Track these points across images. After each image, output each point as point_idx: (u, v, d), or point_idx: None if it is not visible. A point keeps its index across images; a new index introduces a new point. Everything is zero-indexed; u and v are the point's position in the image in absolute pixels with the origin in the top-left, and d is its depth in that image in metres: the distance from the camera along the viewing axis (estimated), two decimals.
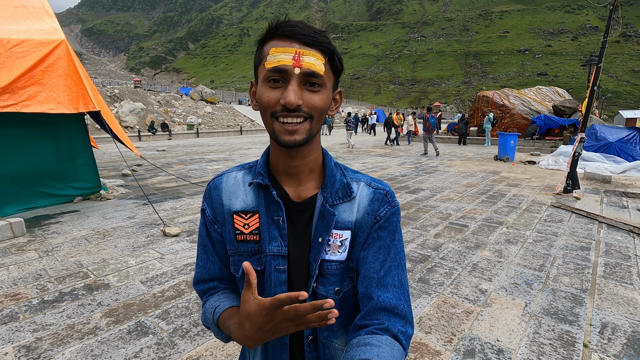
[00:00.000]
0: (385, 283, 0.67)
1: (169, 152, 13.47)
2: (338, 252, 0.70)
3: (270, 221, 0.71)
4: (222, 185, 0.77)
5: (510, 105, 17.61)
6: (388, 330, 0.63)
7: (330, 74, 0.66)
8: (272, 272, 0.71)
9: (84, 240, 4.03)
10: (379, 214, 0.70)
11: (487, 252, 3.63)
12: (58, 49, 5.05)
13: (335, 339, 0.73)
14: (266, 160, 0.75)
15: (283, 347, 0.73)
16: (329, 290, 0.70)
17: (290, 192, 0.72)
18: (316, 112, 0.64)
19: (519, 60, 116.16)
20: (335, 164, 0.75)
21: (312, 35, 0.62)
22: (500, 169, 8.95)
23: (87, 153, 5.99)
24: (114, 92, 26.67)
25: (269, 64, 0.61)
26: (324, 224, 0.69)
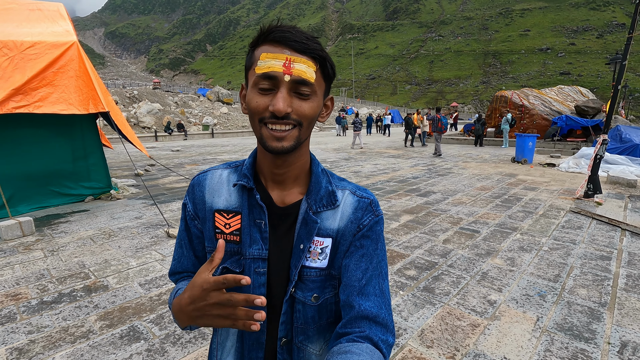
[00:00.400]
0: (366, 292, 0.67)
1: (183, 153, 13.64)
2: (318, 259, 0.70)
3: (253, 224, 0.71)
4: (206, 182, 0.76)
5: (530, 106, 17.06)
6: (369, 338, 0.63)
7: (322, 81, 0.66)
8: (251, 274, 0.71)
9: (90, 241, 4.05)
10: (362, 223, 0.70)
11: (498, 260, 3.45)
12: (70, 50, 5.13)
13: (310, 344, 0.73)
14: (253, 162, 0.74)
15: (259, 345, 0.73)
16: (307, 296, 0.70)
17: (275, 196, 0.72)
18: (305, 120, 0.63)
19: (541, 60, 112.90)
20: (322, 170, 0.75)
21: (304, 42, 0.61)
22: (517, 172, 8.63)
23: (98, 153, 6.08)
24: (133, 93, 27.31)
25: (259, 69, 0.61)
26: (307, 231, 0.69)
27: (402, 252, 3.65)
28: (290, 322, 0.72)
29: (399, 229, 4.42)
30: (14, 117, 4.92)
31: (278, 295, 0.72)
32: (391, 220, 4.78)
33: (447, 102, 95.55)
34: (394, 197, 6.05)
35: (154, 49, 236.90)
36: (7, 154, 5.12)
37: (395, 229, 4.42)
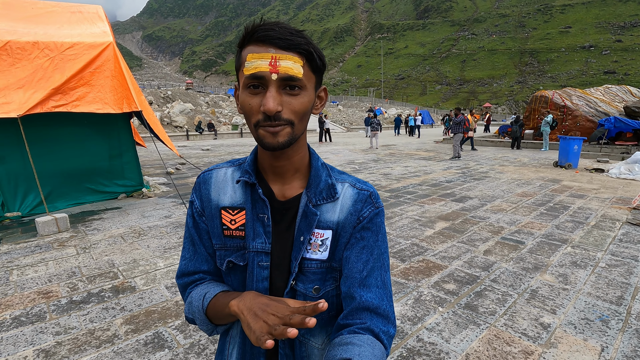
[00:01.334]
0: (367, 283, 0.68)
1: (213, 152, 13.85)
2: (319, 251, 0.70)
3: (256, 218, 0.72)
4: (212, 180, 0.77)
5: (573, 106, 16.02)
6: (370, 329, 0.64)
7: (311, 74, 0.65)
8: (254, 268, 0.71)
9: (120, 239, 4.08)
10: (362, 215, 0.71)
11: (548, 276, 3.12)
12: (106, 51, 5.24)
13: (312, 337, 0.73)
14: (254, 159, 0.76)
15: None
16: (308, 288, 0.70)
17: (276, 191, 0.73)
18: (297, 117, 0.63)
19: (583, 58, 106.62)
20: (322, 165, 0.75)
21: (288, 38, 0.60)
22: (561, 177, 8.03)
23: (132, 152, 6.19)
24: (167, 94, 28.23)
25: (247, 70, 0.61)
26: (307, 223, 0.70)
27: (439, 263, 3.40)
28: None
29: (434, 237, 4.15)
30: (54, 116, 5.08)
31: (280, 288, 0.72)
32: (425, 227, 4.51)
33: (480, 102, 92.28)
34: (427, 202, 5.75)
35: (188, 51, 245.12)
36: (48, 151, 5.30)
37: (430, 236, 4.15)
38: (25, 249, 3.78)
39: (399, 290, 2.88)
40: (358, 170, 9.27)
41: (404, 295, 2.79)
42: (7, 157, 4.96)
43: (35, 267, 3.31)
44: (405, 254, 3.64)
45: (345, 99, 64.07)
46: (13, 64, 4.71)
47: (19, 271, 3.24)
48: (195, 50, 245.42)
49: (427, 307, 2.61)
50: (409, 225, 4.56)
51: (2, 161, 4.94)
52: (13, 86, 4.67)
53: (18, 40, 4.78)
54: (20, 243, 3.98)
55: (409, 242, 3.98)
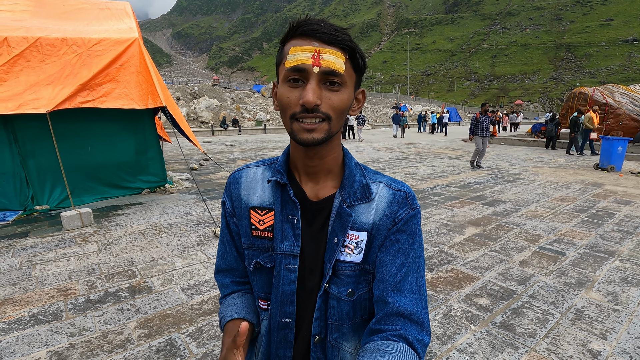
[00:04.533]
0: (402, 288, 0.65)
1: (236, 148, 13.93)
2: (353, 254, 0.69)
3: (285, 220, 0.71)
4: (242, 179, 0.77)
5: (616, 104, 14.98)
6: (404, 337, 0.61)
7: (352, 73, 0.64)
8: (281, 270, 0.71)
9: (141, 236, 4.07)
10: (397, 217, 0.68)
11: (595, 294, 2.81)
12: (132, 47, 5.25)
13: (345, 342, 0.71)
14: (286, 159, 0.74)
15: (287, 344, 0.73)
16: (342, 291, 0.69)
17: (308, 191, 0.72)
18: (335, 113, 0.62)
19: (625, 52, 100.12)
20: (355, 164, 0.74)
21: (332, 33, 0.60)
22: (603, 181, 7.46)
23: (156, 147, 6.23)
24: (194, 90, 28.77)
25: (289, 63, 0.61)
26: (341, 225, 0.68)
27: (469, 274, 3.15)
28: (325, 319, 0.71)
29: (464, 243, 3.88)
30: (82, 111, 5.15)
31: (310, 291, 0.71)
32: (454, 232, 4.24)
33: (511, 99, 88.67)
34: (455, 205, 5.45)
35: (215, 48, 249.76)
36: (75, 146, 5.40)
37: (460, 243, 3.89)
38: (50, 243, 3.83)
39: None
40: (382, 169, 9.00)
41: (432, 309, 2.58)
42: (36, 152, 5.08)
43: (57, 263, 3.33)
44: (432, 262, 3.41)
45: (370, 95, 63.27)
46: (43, 60, 4.80)
47: (41, 266, 3.27)
48: (222, 46, 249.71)
49: (457, 325, 2.39)
50: (436, 230, 4.30)
51: (32, 155, 5.06)
52: (43, 82, 4.76)
53: (48, 36, 4.87)
54: (46, 237, 4.04)
55: (437, 248, 3.74)
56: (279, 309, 0.72)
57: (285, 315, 0.71)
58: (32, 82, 4.69)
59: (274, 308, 0.72)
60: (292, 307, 0.71)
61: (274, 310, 0.72)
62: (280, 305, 0.71)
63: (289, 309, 0.71)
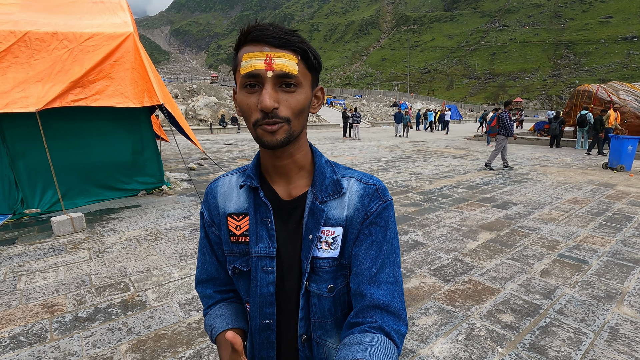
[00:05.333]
0: (378, 280, 0.66)
1: (235, 146, 13.68)
2: (330, 249, 0.69)
3: (259, 222, 0.71)
4: (218, 188, 0.79)
5: (621, 102, 14.76)
6: (381, 328, 0.63)
7: (306, 72, 0.65)
8: (258, 273, 0.71)
9: (136, 242, 3.83)
10: (369, 210, 0.69)
11: (627, 309, 2.59)
12: (126, 42, 5.00)
13: (329, 338, 0.73)
14: (257, 163, 0.76)
15: (270, 345, 0.74)
16: (322, 287, 0.70)
17: (281, 191, 0.73)
18: (293, 114, 0.63)
19: (624, 50, 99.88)
20: (325, 162, 0.75)
21: (282, 37, 0.61)
22: (614, 181, 7.25)
23: (153, 147, 5.99)
24: (193, 87, 28.46)
25: (243, 69, 0.61)
26: (314, 221, 0.69)
27: (489, 286, 2.92)
28: (308, 317, 0.71)
29: (479, 250, 3.66)
30: (75, 110, 4.91)
31: (290, 291, 0.71)
32: (467, 237, 4.02)
33: (510, 97, 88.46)
34: (465, 208, 5.23)
35: (213, 45, 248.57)
36: (68, 146, 5.16)
37: (475, 250, 3.67)
38: (38, 251, 3.59)
39: (446, 320, 2.45)
40: (385, 168, 8.77)
41: (453, 328, 2.35)
42: (26, 153, 4.83)
43: (44, 274, 3.10)
44: (447, 271, 3.19)
45: (369, 92, 62.93)
46: (32, 55, 4.55)
47: (27, 277, 3.03)
48: (221, 44, 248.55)
49: (483, 347, 2.17)
50: (448, 236, 4.08)
51: (22, 156, 4.82)
52: (32, 79, 4.51)
53: (37, 31, 4.61)
54: (35, 244, 3.80)
55: (451, 256, 3.51)
56: (258, 311, 0.72)
57: (266, 317, 0.72)
58: (21, 79, 4.44)
59: (253, 311, 0.73)
60: (272, 309, 0.71)
61: (254, 312, 0.73)
62: (260, 307, 0.72)
63: (269, 310, 0.72)
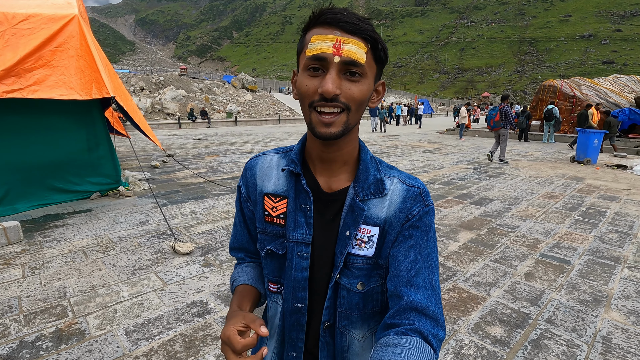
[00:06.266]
0: (415, 283, 0.65)
1: (204, 142, 13.04)
2: (365, 248, 0.69)
3: (298, 208, 0.72)
4: (257, 166, 0.79)
5: (583, 97, 15.34)
6: (419, 331, 0.61)
7: (373, 64, 0.63)
8: (294, 257, 0.72)
9: (81, 255, 3.36)
10: (411, 212, 0.68)
11: (615, 314, 2.47)
12: (70, 25, 4.42)
13: (354, 329, 0.73)
14: (301, 148, 0.75)
15: (300, 327, 0.75)
16: (353, 283, 0.70)
17: (322, 182, 0.72)
18: (354, 103, 0.62)
19: (582, 47, 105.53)
20: (371, 158, 0.74)
21: (355, 23, 0.59)
22: (582, 175, 7.39)
23: (106, 144, 5.41)
24: (159, 79, 27.10)
25: (310, 51, 0.61)
26: (353, 218, 0.68)
27: (474, 293, 2.73)
28: (334, 307, 0.72)
29: (460, 252, 3.48)
30: (12, 102, 4.29)
31: (321, 279, 0.72)
32: (447, 238, 3.84)
33: (478, 91, 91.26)
34: (443, 205, 5.08)
35: (182, 36, 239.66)
36: (6, 143, 4.52)
37: (456, 252, 3.48)
38: None
39: None
40: None
41: (441, 347, 2.12)
42: None
43: None
44: None
45: None
46: None
47: None
48: (190, 35, 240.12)
49: None
50: None
51: None
52: None
53: None
54: None
55: None
56: (291, 294, 0.73)
57: (298, 301, 0.73)
58: None
59: (287, 293, 0.74)
60: (305, 293, 0.72)
61: (287, 295, 0.74)
62: (293, 290, 0.73)
63: (302, 294, 0.73)
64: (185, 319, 2.37)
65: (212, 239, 3.76)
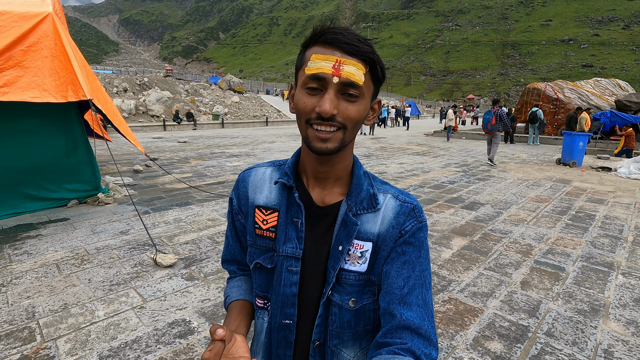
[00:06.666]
0: (408, 301, 0.64)
1: (190, 144, 12.75)
2: (357, 263, 0.68)
3: (290, 222, 0.71)
4: (250, 178, 0.78)
5: (566, 99, 15.65)
6: (411, 351, 0.59)
7: (370, 84, 0.65)
8: (283, 272, 0.70)
9: (55, 269, 3.13)
10: (404, 228, 0.67)
11: (614, 324, 2.41)
12: (43, 24, 4.17)
13: (345, 349, 0.71)
14: (295, 161, 0.75)
15: (288, 344, 0.73)
16: (345, 299, 0.68)
17: (315, 196, 0.72)
18: (350, 123, 0.63)
19: (562, 51, 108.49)
20: (364, 173, 0.74)
21: (355, 44, 0.60)
22: (569, 177, 7.45)
23: (84, 149, 5.15)
24: (144, 81, 26.52)
25: (309, 70, 0.61)
26: (346, 233, 0.68)
27: (470, 305, 2.63)
28: (325, 325, 0.70)
29: (454, 260, 3.39)
30: None
31: (311, 295, 0.71)
32: (440, 245, 3.75)
33: (463, 94, 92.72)
34: (434, 210, 5.00)
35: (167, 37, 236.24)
36: None
37: (450, 260, 3.39)
38: None
39: None
40: None
41: None
42: None
43: None
44: None
45: None
46: None
47: None
48: (176, 35, 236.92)
49: None
50: None
51: None
52: None
53: None
54: None
55: None
56: (279, 309, 0.71)
57: (286, 317, 0.71)
58: None
59: (274, 309, 0.73)
60: (293, 309, 0.71)
61: (275, 310, 0.72)
62: (281, 306, 0.71)
63: (290, 310, 0.71)
64: (165, 340, 2.20)
65: (197, 249, 3.58)
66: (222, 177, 7.06)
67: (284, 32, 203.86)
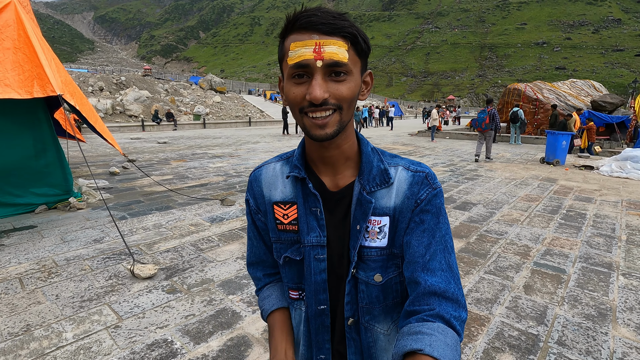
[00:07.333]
0: (431, 267, 0.63)
1: (170, 145, 12.29)
2: (377, 239, 0.69)
3: (309, 212, 0.71)
4: (262, 176, 0.78)
5: (545, 100, 16.01)
6: (440, 315, 0.59)
7: (356, 58, 0.62)
8: (311, 261, 0.72)
9: (17, 284, 2.80)
10: (419, 197, 0.67)
11: (625, 330, 2.30)
12: (4, 13, 3.81)
13: (377, 324, 0.73)
14: (302, 152, 0.74)
15: (325, 329, 0.74)
16: (370, 276, 0.70)
17: (327, 182, 0.72)
18: (345, 102, 0.61)
19: (537, 54, 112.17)
20: (372, 149, 0.73)
21: (331, 22, 0.58)
22: (554, 176, 7.52)
23: (54, 150, 4.77)
24: (121, 79, 25.61)
25: (291, 59, 0.60)
26: (362, 212, 0.68)
27: (476, 312, 2.48)
28: (355, 302, 0.72)
29: None
30: None
31: (342, 277, 0.72)
32: None
33: (443, 94, 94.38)
34: None
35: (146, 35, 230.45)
36: None
37: None
38: None
39: None
40: None
41: None
42: None
43: None
44: None
45: None
46: None
47: None
48: (154, 34, 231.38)
49: None
50: None
51: None
52: None
53: None
54: None
55: None
56: (313, 297, 0.73)
57: (320, 303, 0.73)
58: None
59: (309, 297, 0.74)
60: (326, 295, 0.72)
61: (309, 299, 0.74)
62: (315, 294, 0.72)
63: (323, 296, 0.72)
64: None
65: (179, 258, 3.31)
66: (205, 179, 6.74)
67: (266, 32, 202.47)
